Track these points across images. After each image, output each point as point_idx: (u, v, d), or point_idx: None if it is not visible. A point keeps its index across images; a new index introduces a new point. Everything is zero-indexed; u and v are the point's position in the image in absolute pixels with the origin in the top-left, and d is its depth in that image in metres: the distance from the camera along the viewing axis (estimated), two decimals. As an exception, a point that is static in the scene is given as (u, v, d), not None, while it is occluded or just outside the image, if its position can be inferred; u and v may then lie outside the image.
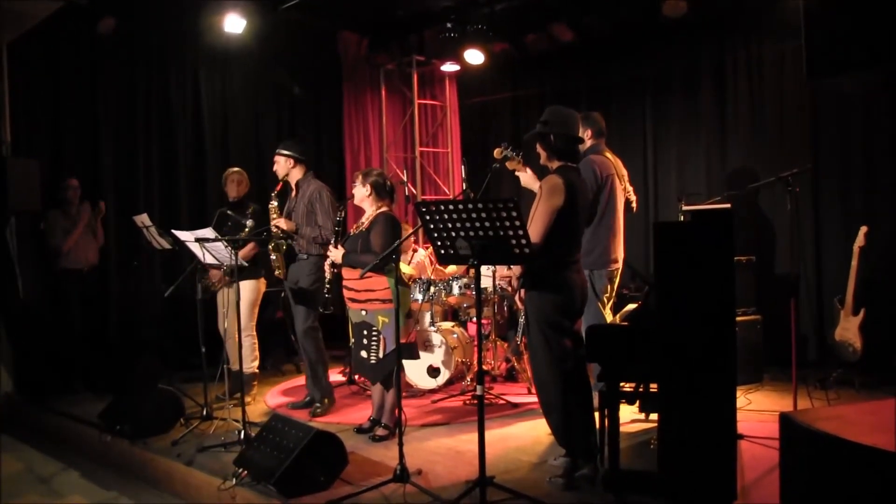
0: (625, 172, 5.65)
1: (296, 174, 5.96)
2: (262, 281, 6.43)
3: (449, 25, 7.85)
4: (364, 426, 5.34)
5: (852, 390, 5.98)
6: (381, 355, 5.00)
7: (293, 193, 6.03)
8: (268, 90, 8.81)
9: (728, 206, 6.12)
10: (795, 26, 6.62)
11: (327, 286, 5.34)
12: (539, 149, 4.32)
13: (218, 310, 6.46)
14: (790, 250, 6.74)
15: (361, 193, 5.19)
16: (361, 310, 5.07)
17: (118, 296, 7.62)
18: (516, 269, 4.28)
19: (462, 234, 3.70)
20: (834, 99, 6.76)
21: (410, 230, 6.17)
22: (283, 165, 5.95)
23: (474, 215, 3.62)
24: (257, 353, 6.43)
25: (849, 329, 6.08)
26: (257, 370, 6.48)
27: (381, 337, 4.99)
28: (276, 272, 6.05)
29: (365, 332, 5.06)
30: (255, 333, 6.40)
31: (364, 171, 5.31)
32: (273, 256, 6.00)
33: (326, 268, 5.31)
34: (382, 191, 5.20)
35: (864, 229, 6.06)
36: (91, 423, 5.63)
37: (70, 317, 6.91)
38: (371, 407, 5.39)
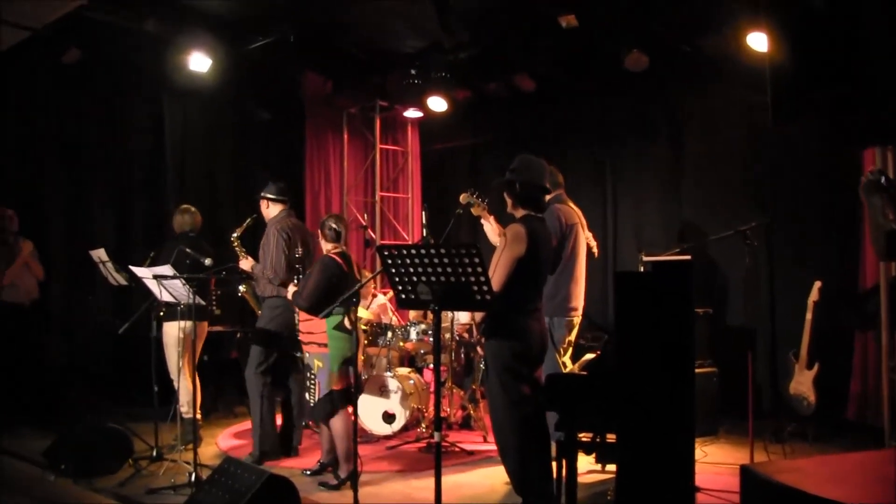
0: (585, 222, 5.72)
1: (269, 214, 5.92)
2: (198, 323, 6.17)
3: (413, 72, 7.92)
4: (314, 468, 5.31)
5: (805, 443, 6.03)
6: (316, 398, 5.04)
7: None
8: (228, 127, 8.74)
9: (688, 257, 6.19)
10: (753, 78, 6.79)
11: (297, 325, 5.28)
12: (505, 196, 4.35)
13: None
14: (745, 303, 6.82)
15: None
16: (306, 352, 5.12)
17: (67, 331, 7.44)
18: (478, 316, 4.28)
19: (423, 278, 3.68)
20: (789, 152, 6.81)
21: (368, 275, 6.12)
22: (262, 207, 5.94)
23: (436, 260, 3.61)
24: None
25: (803, 383, 6.14)
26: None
27: (317, 381, 5.02)
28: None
29: (308, 374, 5.11)
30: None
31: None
32: (243, 295, 6.00)
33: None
34: (330, 232, 5.23)
35: (817, 284, 6.16)
36: (34, 462, 5.43)
37: (13, 352, 6.66)
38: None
